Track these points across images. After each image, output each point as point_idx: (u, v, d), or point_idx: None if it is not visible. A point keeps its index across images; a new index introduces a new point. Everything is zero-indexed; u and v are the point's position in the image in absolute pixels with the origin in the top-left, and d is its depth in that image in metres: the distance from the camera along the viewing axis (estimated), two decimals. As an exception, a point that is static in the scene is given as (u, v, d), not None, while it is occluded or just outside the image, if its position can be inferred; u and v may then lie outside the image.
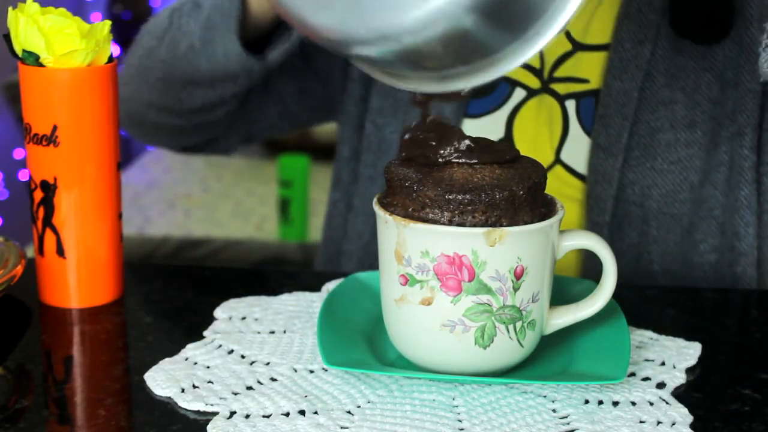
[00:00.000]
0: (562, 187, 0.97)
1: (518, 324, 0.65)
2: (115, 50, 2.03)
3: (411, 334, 0.67)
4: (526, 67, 0.97)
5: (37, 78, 0.76)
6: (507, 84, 0.98)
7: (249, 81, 0.97)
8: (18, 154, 3.02)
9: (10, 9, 0.76)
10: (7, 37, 0.77)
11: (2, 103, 2.69)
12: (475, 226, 0.63)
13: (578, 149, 0.96)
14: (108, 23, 0.78)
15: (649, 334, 0.75)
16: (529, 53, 0.61)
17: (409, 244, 0.64)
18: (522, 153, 0.97)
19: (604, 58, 0.96)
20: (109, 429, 0.62)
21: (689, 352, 0.72)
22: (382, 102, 1.03)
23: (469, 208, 0.63)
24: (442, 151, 0.65)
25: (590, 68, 0.96)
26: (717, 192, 0.95)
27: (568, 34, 0.97)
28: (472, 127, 0.99)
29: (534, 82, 0.98)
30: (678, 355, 0.71)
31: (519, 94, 0.98)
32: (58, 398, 0.66)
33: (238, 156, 3.72)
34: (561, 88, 0.97)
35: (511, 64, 0.61)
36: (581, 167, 0.96)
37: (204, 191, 3.44)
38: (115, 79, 0.78)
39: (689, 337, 0.74)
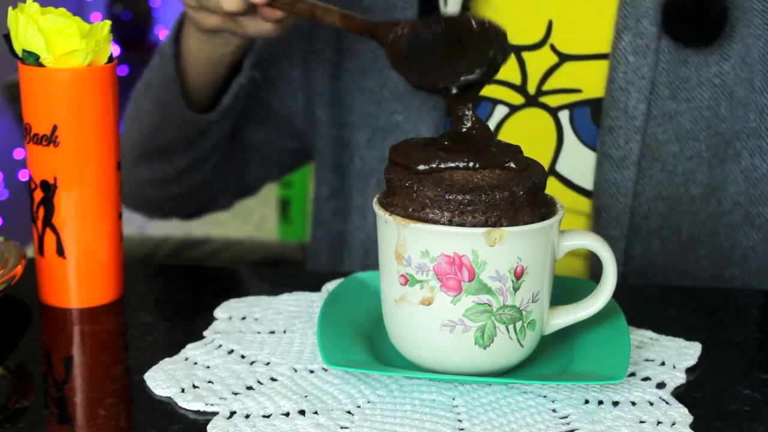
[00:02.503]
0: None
1: (518, 324, 0.65)
2: (115, 50, 2.03)
3: (411, 334, 0.67)
4: (506, 84, 0.97)
5: (37, 78, 0.76)
6: (488, 102, 0.97)
7: (219, 128, 1.03)
8: (18, 154, 3.01)
9: (10, 9, 0.76)
10: (7, 37, 0.77)
11: (2, 103, 2.69)
12: (475, 226, 0.63)
13: (576, 160, 0.95)
14: (108, 23, 0.78)
15: (649, 334, 0.75)
16: None
17: (409, 244, 0.64)
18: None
19: (596, 68, 0.94)
20: (109, 429, 0.62)
21: (689, 352, 0.72)
22: (367, 134, 1.02)
23: (469, 208, 0.63)
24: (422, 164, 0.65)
25: (581, 78, 0.95)
26: (721, 207, 0.94)
27: (552, 47, 0.96)
28: None
29: (516, 98, 0.97)
30: (678, 355, 0.71)
31: (501, 111, 0.97)
32: (58, 398, 0.66)
33: (238, 156, 3.72)
34: (552, 101, 0.96)
35: None
36: (580, 179, 0.95)
37: (204, 191, 3.43)
38: (115, 78, 0.78)
39: (689, 337, 0.74)
